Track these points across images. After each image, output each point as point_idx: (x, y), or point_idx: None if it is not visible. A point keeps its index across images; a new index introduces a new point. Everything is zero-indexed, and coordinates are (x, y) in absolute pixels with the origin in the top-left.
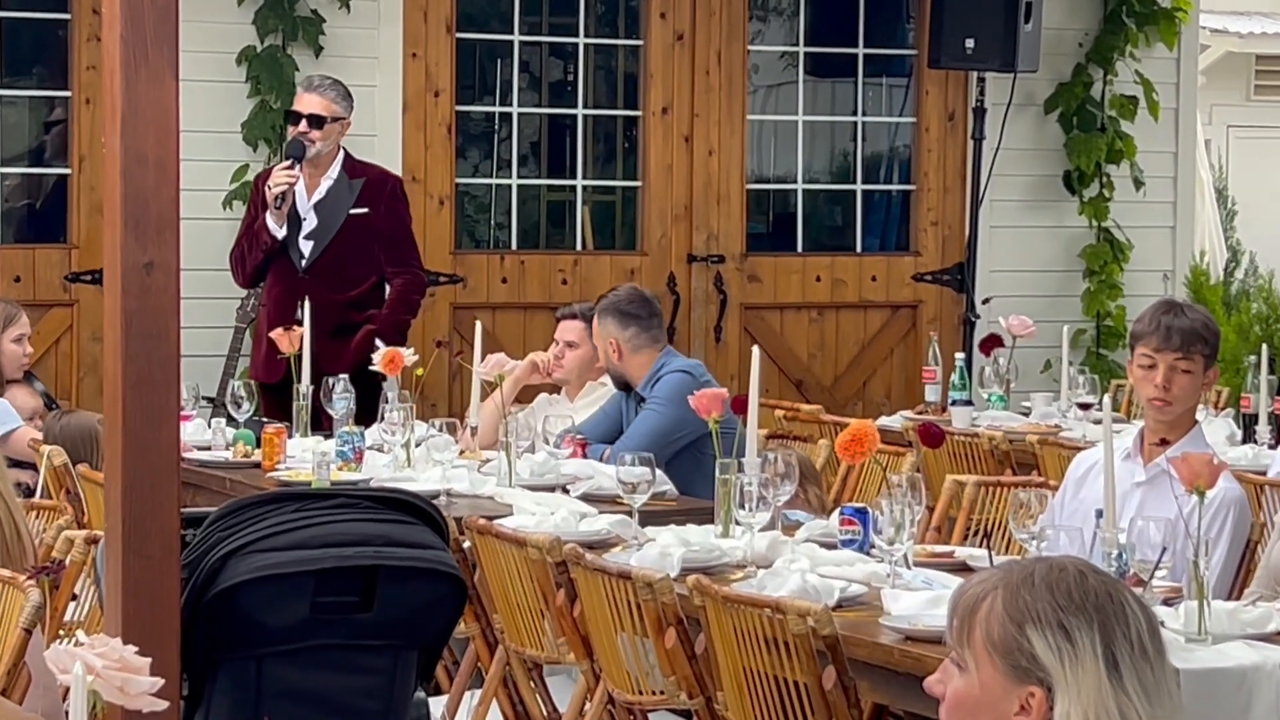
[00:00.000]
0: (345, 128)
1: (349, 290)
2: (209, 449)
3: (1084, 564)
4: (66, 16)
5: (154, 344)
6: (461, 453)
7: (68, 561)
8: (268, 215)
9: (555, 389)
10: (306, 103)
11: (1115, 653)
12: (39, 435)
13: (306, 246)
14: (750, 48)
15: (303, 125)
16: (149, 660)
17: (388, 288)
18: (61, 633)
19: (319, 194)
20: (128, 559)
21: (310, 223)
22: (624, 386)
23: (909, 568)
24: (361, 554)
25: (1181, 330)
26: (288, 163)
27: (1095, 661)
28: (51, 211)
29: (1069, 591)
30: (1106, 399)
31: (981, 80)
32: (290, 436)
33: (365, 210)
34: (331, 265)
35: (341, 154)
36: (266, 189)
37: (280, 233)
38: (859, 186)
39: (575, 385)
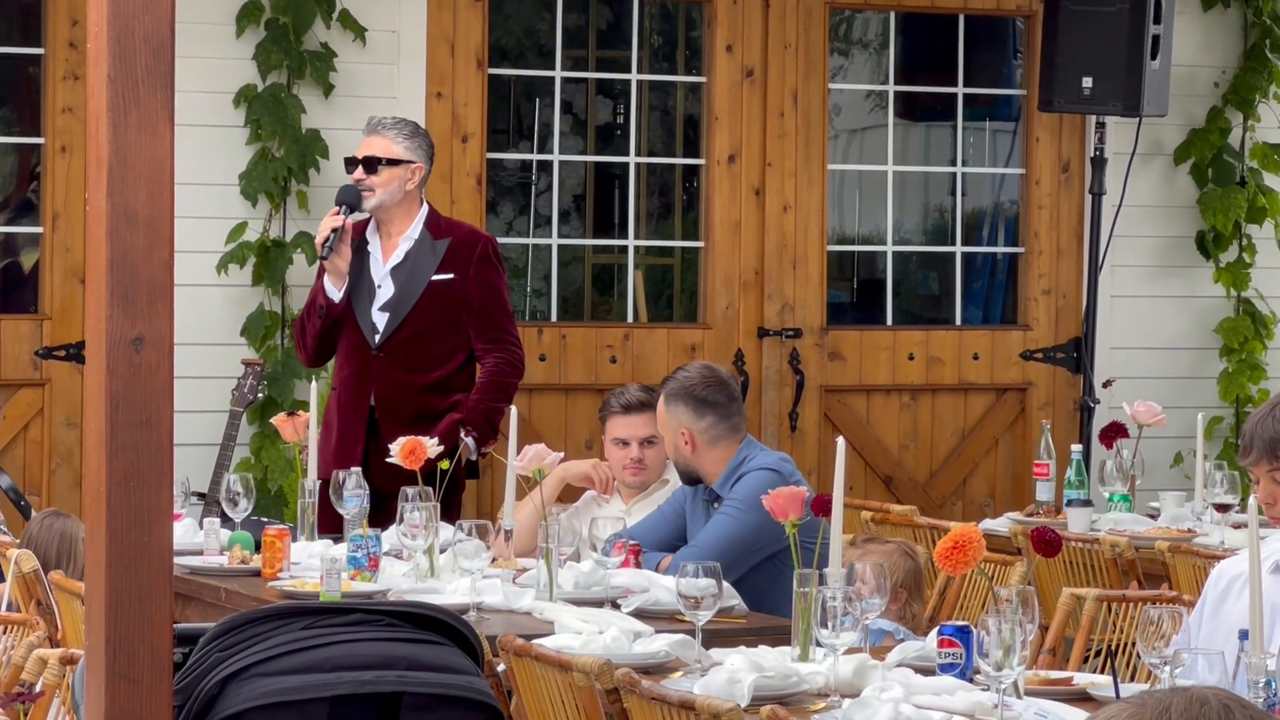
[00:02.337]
0: (416, 174)
1: (431, 371)
2: (200, 553)
3: (1229, 697)
4: (38, 51)
5: (144, 432)
6: (494, 560)
7: (40, 685)
8: (325, 276)
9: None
10: (364, 145)
11: None
12: (6, 537)
13: (381, 320)
14: (831, 86)
15: (358, 172)
16: None
17: (477, 368)
18: None
19: (396, 257)
20: (112, 683)
21: (386, 291)
22: (694, 481)
23: (1019, 697)
24: (383, 679)
25: (1263, 439)
26: (336, 208)
27: None
28: (20, 277)
29: None
30: (1252, 499)
31: (1101, 126)
32: (294, 539)
33: (451, 276)
34: (411, 342)
35: (424, 210)
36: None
37: (338, 295)
38: (958, 249)
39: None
